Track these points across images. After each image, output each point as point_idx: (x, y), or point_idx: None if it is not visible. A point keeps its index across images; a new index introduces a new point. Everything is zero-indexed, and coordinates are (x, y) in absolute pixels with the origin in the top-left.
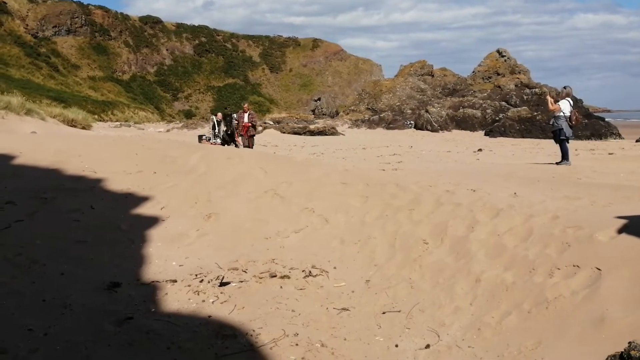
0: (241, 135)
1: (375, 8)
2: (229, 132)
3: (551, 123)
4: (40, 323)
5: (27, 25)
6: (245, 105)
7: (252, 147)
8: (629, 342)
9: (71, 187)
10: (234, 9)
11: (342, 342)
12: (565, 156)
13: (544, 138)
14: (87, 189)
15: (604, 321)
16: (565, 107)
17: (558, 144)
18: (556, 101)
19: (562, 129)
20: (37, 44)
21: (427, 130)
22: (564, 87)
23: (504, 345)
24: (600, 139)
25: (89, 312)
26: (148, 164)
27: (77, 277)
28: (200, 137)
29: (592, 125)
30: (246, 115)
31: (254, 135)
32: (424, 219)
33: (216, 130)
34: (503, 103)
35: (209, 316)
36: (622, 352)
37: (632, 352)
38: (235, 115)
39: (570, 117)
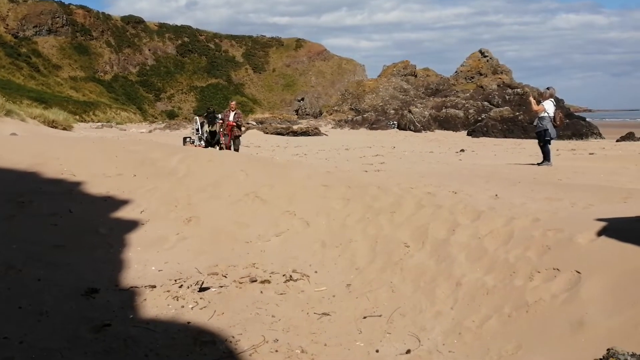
0: (225, 135)
1: (359, 8)
2: (212, 130)
3: (535, 124)
4: (16, 330)
5: (8, 25)
6: (233, 103)
7: (237, 150)
8: (608, 349)
9: (49, 190)
10: (217, 9)
11: (322, 348)
12: (547, 157)
13: (526, 138)
14: (66, 192)
15: (583, 325)
16: (549, 107)
17: (541, 145)
18: (539, 102)
19: (547, 129)
20: (18, 44)
21: (410, 130)
22: (547, 88)
23: (484, 349)
24: (581, 138)
25: (65, 319)
26: (128, 166)
27: (54, 283)
28: (184, 140)
29: (573, 125)
30: (232, 114)
31: (239, 136)
32: (405, 221)
33: (200, 132)
34: (485, 103)
35: (188, 322)
36: (601, 358)
37: (611, 359)
38: (220, 115)
39: (554, 118)
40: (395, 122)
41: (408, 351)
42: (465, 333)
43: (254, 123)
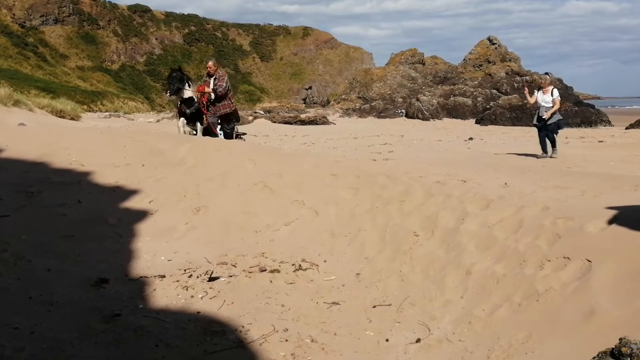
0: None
1: None
2: (185, 98)
3: (545, 117)
4: (26, 321)
5: (14, 14)
6: (210, 63)
7: (229, 136)
8: (620, 339)
9: (58, 180)
10: None
11: (332, 337)
12: (555, 145)
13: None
14: (74, 182)
15: (594, 314)
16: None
17: (553, 136)
18: (539, 88)
19: (562, 119)
20: (25, 33)
21: (418, 118)
22: (547, 74)
23: (494, 338)
24: (590, 126)
25: (75, 309)
26: (136, 156)
27: (64, 273)
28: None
29: (582, 112)
30: (212, 81)
31: (230, 116)
32: (415, 210)
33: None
34: (494, 91)
35: (198, 312)
36: (612, 348)
37: (623, 349)
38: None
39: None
40: (403, 111)
41: (418, 340)
42: (475, 322)
43: (262, 112)
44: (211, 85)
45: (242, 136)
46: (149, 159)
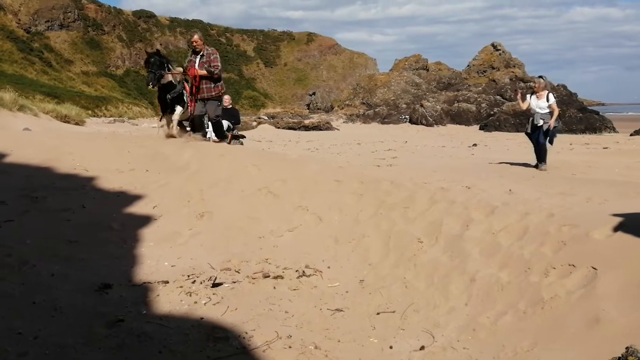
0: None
1: (373, 1)
2: (164, 84)
3: (540, 124)
4: (30, 326)
5: (20, 20)
6: (196, 37)
7: (221, 135)
8: (627, 348)
9: (62, 185)
10: (231, 3)
11: (336, 344)
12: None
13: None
14: (79, 187)
15: (599, 322)
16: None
17: (546, 147)
18: (532, 93)
19: (557, 126)
20: (30, 38)
21: (422, 124)
22: (541, 77)
23: (499, 346)
24: (595, 132)
25: (79, 314)
26: (140, 161)
27: (68, 278)
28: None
29: (586, 119)
30: (198, 59)
31: (216, 102)
32: (419, 217)
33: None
34: (498, 97)
35: (201, 318)
36: (619, 357)
37: (630, 358)
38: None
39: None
40: (407, 117)
41: (422, 347)
42: (479, 329)
43: (266, 117)
44: (197, 64)
45: (240, 139)
46: (153, 164)
